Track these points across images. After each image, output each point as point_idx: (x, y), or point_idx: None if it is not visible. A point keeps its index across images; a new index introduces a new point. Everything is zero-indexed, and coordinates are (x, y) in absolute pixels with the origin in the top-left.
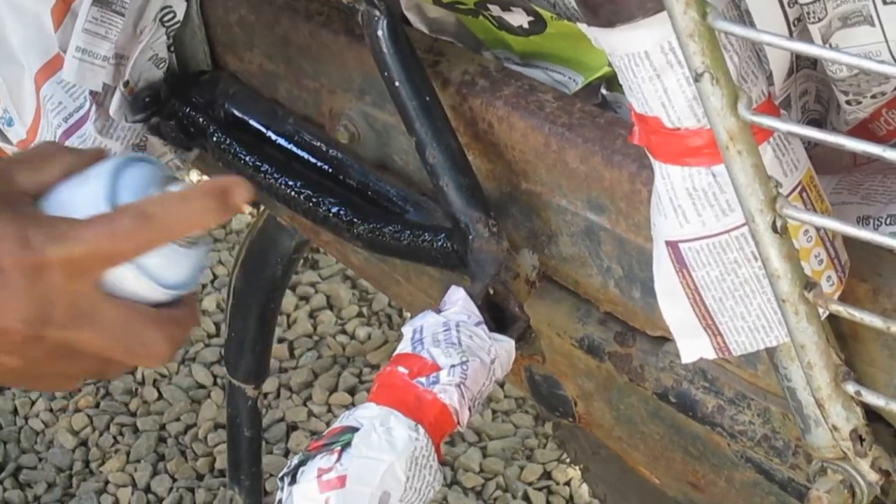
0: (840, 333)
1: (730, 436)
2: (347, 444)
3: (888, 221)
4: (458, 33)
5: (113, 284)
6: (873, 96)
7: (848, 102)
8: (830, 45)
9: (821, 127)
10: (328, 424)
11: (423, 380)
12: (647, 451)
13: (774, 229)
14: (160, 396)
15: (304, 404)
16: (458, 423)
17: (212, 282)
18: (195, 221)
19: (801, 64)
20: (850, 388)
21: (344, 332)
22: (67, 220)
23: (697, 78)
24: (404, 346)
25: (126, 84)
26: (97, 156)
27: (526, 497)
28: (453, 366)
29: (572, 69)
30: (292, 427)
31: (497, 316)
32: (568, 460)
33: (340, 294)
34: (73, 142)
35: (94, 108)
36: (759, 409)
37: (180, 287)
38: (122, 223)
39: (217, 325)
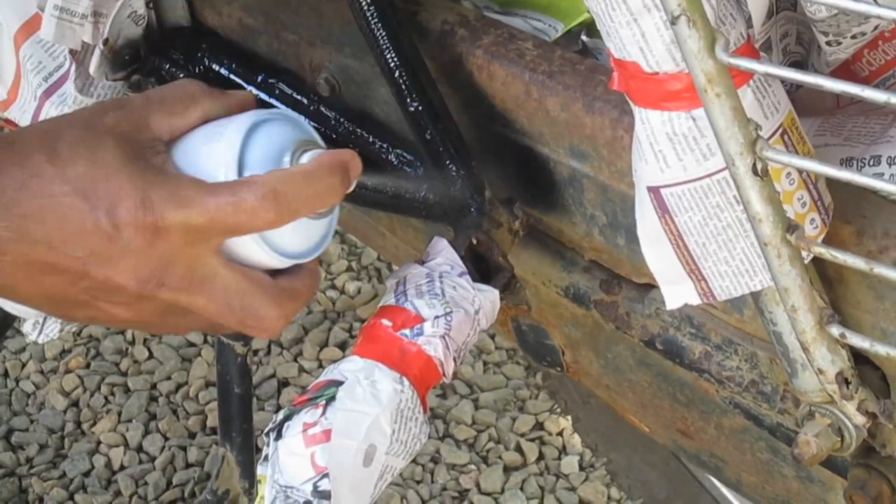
0: (825, 276)
1: (717, 382)
2: (332, 398)
3: (871, 163)
4: None
5: (233, 249)
6: (853, 37)
7: (828, 43)
8: None
9: (803, 69)
10: None
11: (406, 332)
12: (636, 400)
13: (755, 172)
14: (150, 356)
15: (295, 360)
16: (444, 374)
17: None
18: (320, 201)
19: (781, 6)
20: (835, 330)
21: (333, 286)
22: (192, 185)
23: (674, 21)
24: (388, 299)
25: (105, 42)
26: (240, 103)
27: (518, 448)
28: (437, 317)
29: (552, 16)
30: (283, 383)
31: (481, 266)
32: (559, 410)
33: (329, 249)
34: (53, 101)
35: (73, 66)
36: (746, 355)
37: (303, 256)
38: (248, 200)
39: None
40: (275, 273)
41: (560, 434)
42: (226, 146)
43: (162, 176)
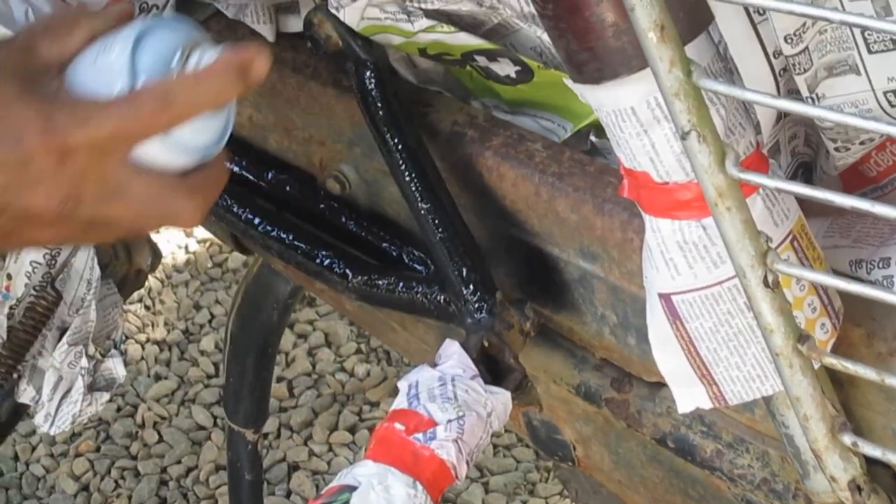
0: (836, 378)
1: (729, 479)
2: (346, 503)
3: (881, 265)
4: (446, 82)
5: (141, 156)
6: (861, 143)
7: (837, 149)
8: (817, 96)
9: (811, 170)
10: (329, 464)
11: (419, 436)
12: (648, 495)
13: (766, 284)
14: (161, 439)
15: (305, 444)
16: (457, 477)
17: (209, 321)
18: (216, 99)
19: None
20: (847, 439)
21: (343, 369)
22: (90, 102)
23: (684, 136)
24: (400, 402)
25: None
26: (122, 16)
27: None
28: (450, 421)
29: (561, 116)
30: (294, 467)
31: (492, 367)
32: (569, 497)
33: (338, 331)
34: None
35: None
36: (757, 453)
37: (208, 148)
38: (146, 105)
39: (216, 364)
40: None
41: None
42: (116, 58)
43: (60, 99)
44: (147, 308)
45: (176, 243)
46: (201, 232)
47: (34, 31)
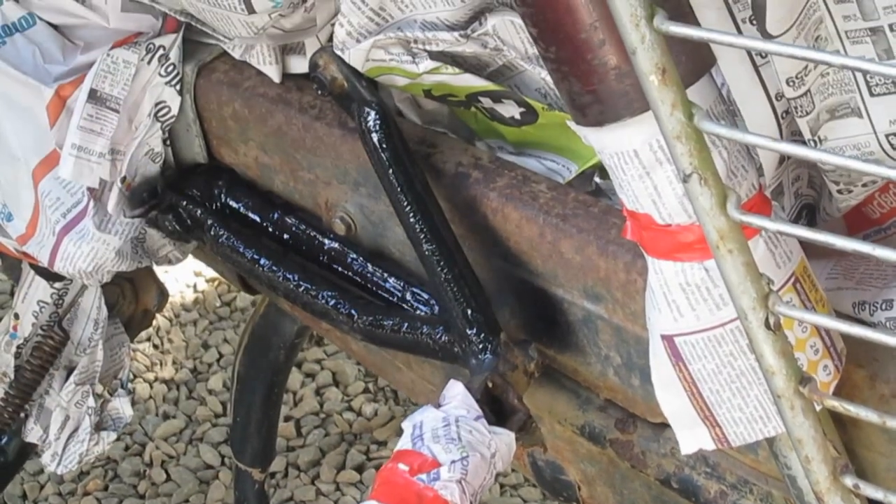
0: (839, 419)
1: None
2: None
3: (883, 307)
4: (450, 124)
5: None
6: (864, 185)
7: (839, 191)
8: (819, 138)
9: (815, 211)
10: (336, 503)
11: (423, 476)
12: None
13: (767, 326)
14: (168, 478)
15: (313, 483)
16: None
17: (217, 360)
18: None
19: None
20: (849, 481)
21: (350, 408)
22: None
23: (686, 179)
24: (404, 443)
25: (123, 179)
26: None
27: None
28: (454, 462)
29: (566, 157)
30: None
31: (496, 408)
32: None
33: (346, 370)
34: (72, 237)
35: (91, 203)
36: (761, 494)
37: None
38: None
39: (224, 404)
40: None
41: None
42: None
43: None
44: (155, 347)
45: (184, 282)
46: (210, 271)
47: None
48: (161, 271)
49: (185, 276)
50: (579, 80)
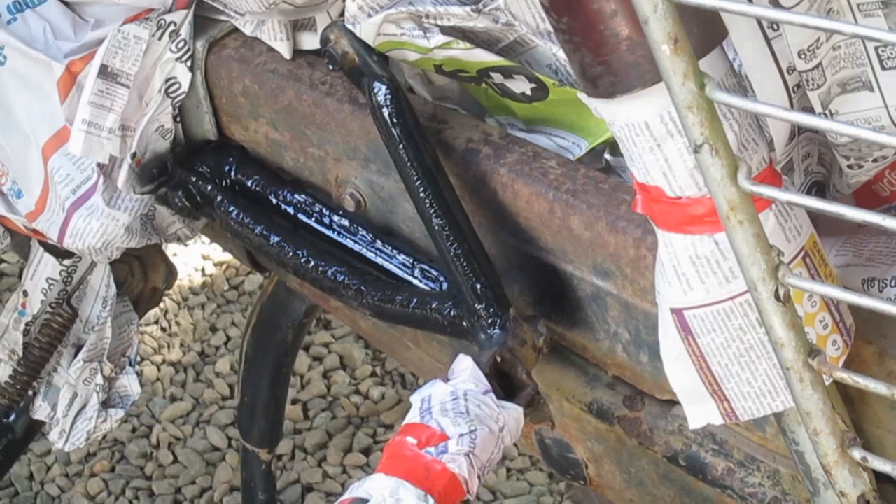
0: (847, 396)
1: (740, 498)
2: None
3: (893, 283)
4: (461, 100)
5: None
6: (875, 160)
7: (850, 167)
8: (830, 112)
9: (824, 189)
10: (343, 486)
11: (431, 449)
12: None
13: (777, 298)
14: (175, 460)
15: (319, 465)
16: (468, 491)
17: (225, 343)
18: None
19: (803, 128)
20: (857, 454)
21: (358, 392)
22: None
23: (697, 149)
24: (413, 416)
25: (133, 156)
26: None
27: None
28: (462, 435)
29: (576, 134)
30: (307, 489)
31: (505, 383)
32: None
33: (354, 354)
34: (81, 213)
35: (101, 179)
36: (768, 472)
37: None
38: None
39: (231, 386)
40: None
41: None
42: None
43: None
44: (163, 330)
45: (193, 266)
46: (218, 254)
47: None
48: (170, 254)
49: (194, 260)
50: (591, 50)
